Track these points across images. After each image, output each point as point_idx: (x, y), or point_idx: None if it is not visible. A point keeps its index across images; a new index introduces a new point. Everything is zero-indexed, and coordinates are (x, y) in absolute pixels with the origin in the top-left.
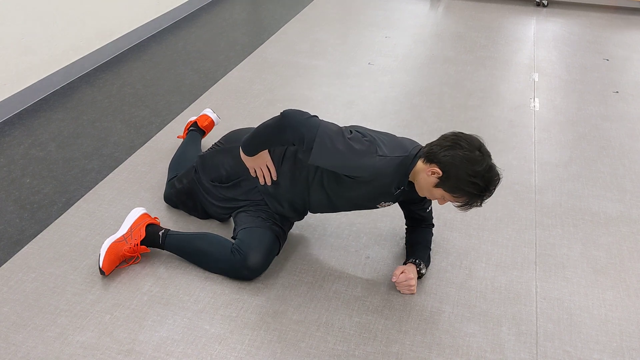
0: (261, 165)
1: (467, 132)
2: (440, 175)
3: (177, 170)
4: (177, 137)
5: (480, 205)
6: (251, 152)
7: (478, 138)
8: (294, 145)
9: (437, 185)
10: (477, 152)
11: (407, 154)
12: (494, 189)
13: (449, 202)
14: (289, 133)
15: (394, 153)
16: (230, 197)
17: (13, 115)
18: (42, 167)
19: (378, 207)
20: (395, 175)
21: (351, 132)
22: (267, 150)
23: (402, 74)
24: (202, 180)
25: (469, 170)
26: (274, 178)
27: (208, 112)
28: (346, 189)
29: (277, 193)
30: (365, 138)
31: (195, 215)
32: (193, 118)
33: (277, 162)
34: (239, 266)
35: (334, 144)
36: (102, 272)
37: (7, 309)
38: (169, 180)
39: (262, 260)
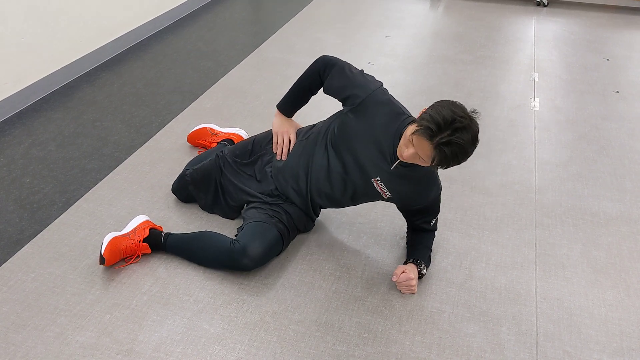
0: (285, 134)
1: None
2: (423, 112)
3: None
4: (197, 143)
5: (438, 158)
6: (285, 104)
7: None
8: (320, 76)
9: (412, 122)
10: (467, 115)
11: (407, 114)
12: (454, 137)
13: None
14: (320, 63)
15: (396, 104)
16: (247, 173)
17: (13, 115)
18: (42, 167)
19: (375, 187)
20: (390, 126)
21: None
22: (296, 125)
23: (402, 74)
24: (226, 155)
25: (446, 107)
26: (290, 150)
27: (243, 133)
28: (345, 136)
29: (286, 165)
30: (379, 81)
31: (201, 203)
32: (214, 126)
33: (299, 137)
34: (238, 255)
35: (351, 70)
36: (102, 259)
37: (7, 308)
38: (182, 173)
39: (262, 251)
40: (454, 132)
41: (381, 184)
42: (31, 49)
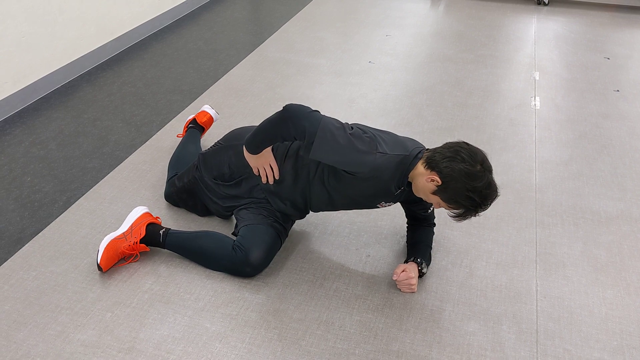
0: (264, 165)
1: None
2: (439, 184)
3: (176, 169)
4: (177, 135)
5: (475, 216)
6: (255, 150)
7: (482, 151)
8: (296, 139)
9: (434, 193)
10: (478, 167)
11: (407, 154)
12: (491, 204)
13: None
14: (291, 127)
15: (394, 151)
16: (232, 194)
17: (14, 114)
18: (43, 166)
19: (378, 207)
20: (395, 174)
21: (352, 128)
22: (270, 149)
23: (403, 73)
24: (204, 177)
25: (467, 185)
26: (277, 177)
27: (207, 108)
28: (346, 186)
29: (280, 191)
30: (366, 135)
31: (195, 213)
32: (192, 116)
33: (280, 160)
34: (240, 263)
35: (336, 139)
36: (99, 268)
37: (8, 307)
38: (169, 179)
39: (264, 257)
40: (489, 203)
41: (385, 204)
42: (31, 48)
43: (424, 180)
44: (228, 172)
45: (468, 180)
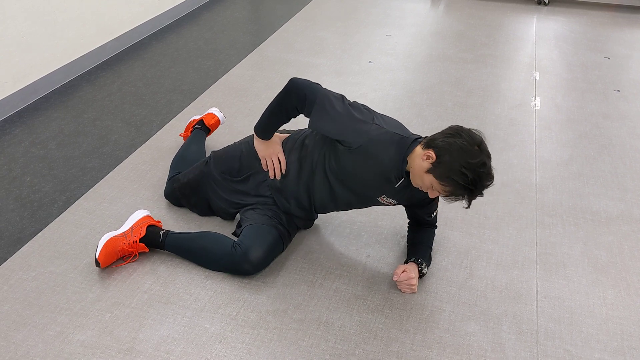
0: (272, 156)
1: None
2: (434, 160)
3: (178, 169)
4: (179, 135)
5: (468, 204)
6: (263, 134)
7: (481, 135)
8: (298, 110)
9: (428, 171)
10: (476, 147)
11: (406, 136)
12: (483, 188)
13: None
14: (294, 96)
15: (392, 129)
16: (239, 190)
17: (13, 114)
18: (43, 166)
19: (380, 202)
20: (393, 155)
21: (351, 101)
22: (279, 142)
23: (403, 73)
24: (213, 172)
25: (462, 160)
26: (284, 171)
27: (215, 111)
28: (346, 169)
29: (285, 187)
30: (365, 107)
31: (196, 212)
32: (196, 117)
33: (287, 152)
34: (239, 260)
35: (334, 107)
36: (97, 263)
37: (8, 307)
38: (170, 178)
39: (264, 255)
40: (485, 183)
41: (387, 199)
42: (31, 47)
43: (419, 161)
44: (238, 165)
45: (463, 156)
